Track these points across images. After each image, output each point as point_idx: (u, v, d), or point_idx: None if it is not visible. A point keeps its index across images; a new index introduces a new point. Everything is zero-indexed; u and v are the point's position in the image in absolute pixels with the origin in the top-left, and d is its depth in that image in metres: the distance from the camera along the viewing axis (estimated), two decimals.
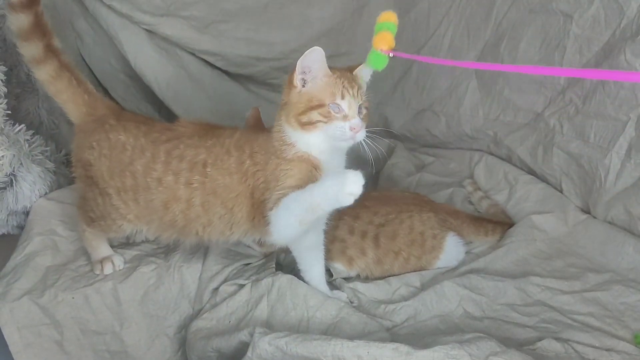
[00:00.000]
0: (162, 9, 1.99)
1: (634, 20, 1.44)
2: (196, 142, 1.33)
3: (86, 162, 1.39)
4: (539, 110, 1.72)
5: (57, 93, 1.48)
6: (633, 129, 1.42)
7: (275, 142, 1.25)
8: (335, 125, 1.18)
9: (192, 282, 1.49)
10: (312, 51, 1.17)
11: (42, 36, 1.41)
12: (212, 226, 1.34)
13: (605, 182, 1.48)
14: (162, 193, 1.33)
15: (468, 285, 1.38)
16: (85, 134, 1.42)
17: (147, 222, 1.41)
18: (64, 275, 1.50)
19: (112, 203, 1.39)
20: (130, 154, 1.35)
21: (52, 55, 1.43)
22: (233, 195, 1.29)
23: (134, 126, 1.38)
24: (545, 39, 1.70)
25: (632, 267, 1.39)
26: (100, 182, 1.38)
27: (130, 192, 1.36)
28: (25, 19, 1.39)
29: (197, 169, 1.30)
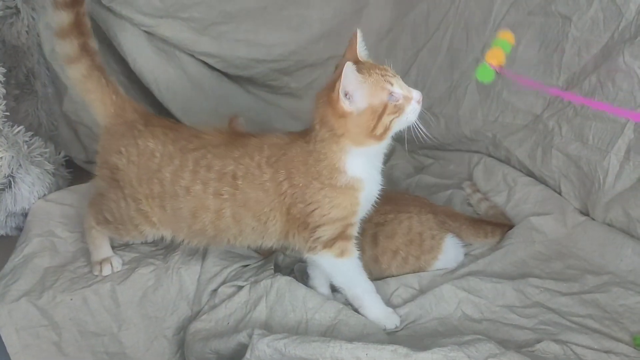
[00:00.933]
0: (161, 11, 1.99)
1: (633, 22, 1.44)
2: (223, 152, 1.31)
3: (113, 165, 1.38)
4: (537, 112, 1.72)
5: (85, 92, 1.46)
6: (632, 130, 1.42)
7: (321, 169, 1.22)
8: (407, 111, 1.17)
9: (191, 284, 1.48)
10: (347, 71, 1.11)
11: (80, 35, 1.39)
12: (243, 236, 1.33)
13: (604, 184, 1.47)
14: (190, 202, 1.32)
15: (466, 288, 1.37)
16: (113, 137, 1.41)
17: (174, 229, 1.39)
18: (62, 276, 1.49)
19: (140, 208, 1.37)
20: (159, 161, 1.34)
21: (87, 54, 1.41)
22: (267, 210, 1.28)
23: (161, 132, 1.37)
24: (544, 41, 1.70)
25: (631, 269, 1.39)
26: (128, 187, 1.37)
27: (157, 199, 1.35)
28: (66, 17, 1.37)
29: (226, 180, 1.29)
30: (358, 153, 1.20)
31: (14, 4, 1.91)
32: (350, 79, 1.11)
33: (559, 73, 1.66)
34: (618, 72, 1.44)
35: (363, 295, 1.32)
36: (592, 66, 1.56)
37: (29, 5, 1.95)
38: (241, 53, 2.10)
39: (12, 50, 1.93)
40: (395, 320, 1.32)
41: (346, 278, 1.33)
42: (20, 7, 1.92)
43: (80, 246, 1.61)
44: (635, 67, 1.40)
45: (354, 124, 1.16)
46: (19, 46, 1.94)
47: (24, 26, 1.94)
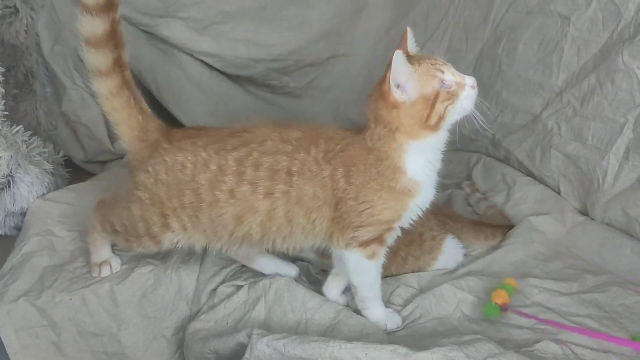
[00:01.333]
0: (160, 10, 1.99)
1: (632, 22, 1.44)
2: (272, 149, 1.24)
3: (140, 183, 1.32)
4: (537, 112, 1.72)
5: (111, 111, 1.35)
6: (631, 130, 1.42)
7: (383, 169, 1.19)
8: (461, 97, 1.12)
9: (190, 284, 1.48)
10: (397, 60, 1.08)
11: (114, 48, 1.27)
12: (292, 237, 1.28)
13: (603, 183, 1.48)
14: (234, 206, 1.24)
15: (466, 288, 1.37)
16: (140, 162, 1.34)
17: (211, 238, 1.32)
18: (61, 276, 1.49)
19: (168, 222, 1.31)
20: (191, 171, 1.26)
21: (119, 70, 1.30)
22: (320, 204, 1.24)
23: (190, 143, 1.30)
24: (543, 41, 1.70)
25: (630, 269, 1.39)
26: (157, 204, 1.30)
27: (188, 209, 1.28)
28: (100, 25, 1.24)
29: (279, 177, 1.22)
30: (416, 150, 1.17)
31: (13, 4, 1.91)
32: (400, 68, 1.10)
33: (558, 73, 1.67)
34: (617, 71, 1.44)
35: (372, 298, 1.33)
36: (591, 66, 1.56)
37: (28, 5, 1.96)
38: (240, 52, 2.11)
39: (10, 50, 1.93)
40: (397, 320, 1.32)
41: (366, 279, 1.32)
42: (19, 6, 1.93)
43: (79, 245, 1.61)
44: (634, 67, 1.40)
45: (407, 114, 1.13)
46: (18, 46, 1.94)
47: (22, 26, 1.94)
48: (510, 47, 1.80)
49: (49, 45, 2.04)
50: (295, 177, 1.21)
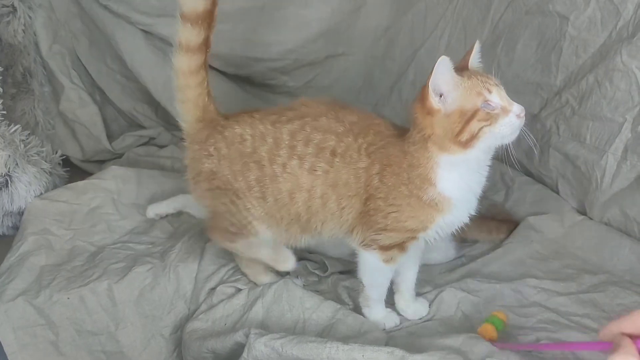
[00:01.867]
0: (158, 9, 1.99)
1: (630, 21, 1.44)
2: (325, 126, 1.22)
3: (208, 173, 1.32)
4: (535, 112, 1.72)
5: (184, 87, 1.36)
6: (629, 130, 1.42)
7: (414, 176, 1.15)
8: (501, 122, 1.07)
9: (188, 283, 1.48)
10: (440, 64, 1.04)
11: (208, 27, 1.29)
12: (327, 223, 1.26)
13: (602, 183, 1.47)
14: (287, 181, 1.23)
15: (465, 288, 1.38)
16: (199, 143, 1.34)
17: (276, 221, 1.31)
18: (59, 275, 1.49)
19: (246, 205, 1.30)
20: (251, 142, 1.26)
21: (204, 50, 1.31)
22: (351, 194, 1.21)
23: (246, 116, 1.30)
24: (541, 41, 1.70)
25: (628, 269, 1.38)
26: (228, 187, 1.30)
27: (256, 187, 1.27)
28: (203, 2, 1.26)
29: (323, 155, 1.20)
30: (448, 164, 1.12)
31: (11, 3, 1.91)
32: (442, 75, 1.05)
33: (557, 72, 1.67)
34: (616, 71, 1.44)
35: (376, 300, 1.33)
36: (590, 65, 1.56)
37: (26, 4, 1.96)
38: (239, 52, 2.10)
39: (8, 49, 1.93)
40: (395, 320, 1.33)
41: (377, 281, 1.30)
42: (17, 5, 1.93)
43: (77, 244, 1.62)
44: (632, 66, 1.40)
45: (440, 124, 1.08)
46: (16, 45, 1.94)
47: (20, 25, 1.94)
48: (509, 46, 1.80)
49: (47, 45, 2.04)
50: (337, 158, 1.19)
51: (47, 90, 2.08)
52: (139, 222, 1.73)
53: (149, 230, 1.69)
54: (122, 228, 1.70)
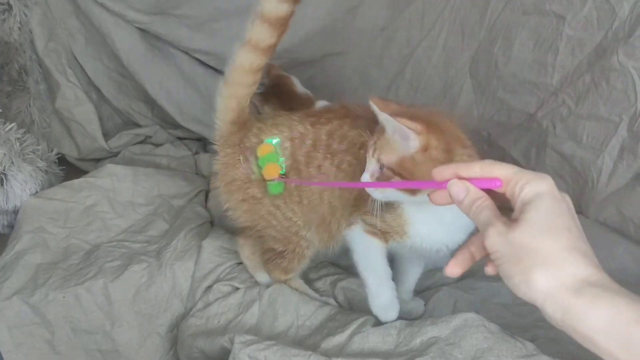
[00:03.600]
0: (155, 8, 1.99)
1: (626, 21, 1.44)
2: (361, 125, 1.18)
3: (244, 179, 1.30)
4: (532, 111, 1.73)
5: (236, 84, 1.33)
6: (625, 130, 1.42)
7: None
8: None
9: (185, 281, 1.48)
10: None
11: (280, 33, 1.28)
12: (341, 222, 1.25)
13: (598, 183, 1.48)
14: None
15: (461, 287, 1.38)
16: (233, 148, 1.32)
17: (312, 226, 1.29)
18: (54, 274, 1.49)
19: (286, 214, 1.28)
20: (290, 145, 1.25)
21: (269, 54, 1.30)
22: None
23: (284, 118, 1.29)
24: (538, 40, 1.70)
25: (623, 268, 1.38)
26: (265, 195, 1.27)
27: (295, 192, 1.26)
28: (287, 8, 1.25)
29: (352, 150, 1.19)
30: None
31: (6, 1, 1.90)
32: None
33: (553, 72, 1.67)
34: (612, 71, 1.45)
35: (372, 284, 1.23)
36: (586, 65, 1.56)
37: (21, 1, 1.95)
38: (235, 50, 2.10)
39: (4, 47, 1.93)
40: (392, 315, 1.24)
41: (369, 261, 1.22)
42: (13, 3, 1.92)
43: (72, 242, 1.62)
44: (629, 66, 1.40)
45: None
46: (11, 43, 1.94)
47: (16, 22, 1.94)
48: (506, 46, 1.80)
49: (42, 43, 2.04)
50: (363, 150, 1.15)
51: (42, 88, 2.08)
52: (134, 221, 1.73)
53: (145, 228, 1.69)
54: (117, 226, 1.70)
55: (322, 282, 1.47)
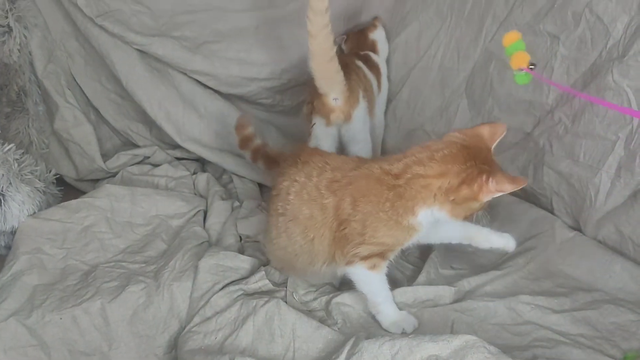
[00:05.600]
0: (153, 29, 1.99)
1: (620, 41, 1.45)
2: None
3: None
4: (528, 130, 1.72)
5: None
6: (622, 148, 1.41)
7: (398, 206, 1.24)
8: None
9: (183, 301, 1.46)
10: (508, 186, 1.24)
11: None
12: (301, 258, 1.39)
13: (596, 201, 1.47)
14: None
15: (458, 309, 1.36)
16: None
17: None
18: (51, 295, 1.48)
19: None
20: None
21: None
22: (318, 225, 1.33)
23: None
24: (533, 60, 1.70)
25: (621, 287, 1.37)
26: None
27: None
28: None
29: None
30: (440, 214, 1.25)
31: (6, 23, 1.91)
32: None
33: (548, 91, 1.67)
34: (607, 89, 1.44)
35: (382, 302, 1.35)
36: (581, 84, 1.56)
37: (22, 24, 1.96)
38: (233, 71, 2.10)
39: (3, 69, 1.93)
40: (413, 322, 1.33)
41: (373, 288, 1.35)
42: (13, 25, 1.92)
43: (69, 263, 1.61)
44: (624, 85, 1.40)
45: (469, 205, 1.23)
46: (11, 64, 1.94)
47: (16, 44, 1.94)
48: (501, 65, 1.81)
49: (42, 64, 2.04)
50: (291, 196, 1.35)
51: (41, 109, 2.08)
52: (132, 241, 1.71)
53: (143, 249, 1.68)
54: (115, 247, 1.68)
55: (318, 302, 1.45)
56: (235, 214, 1.83)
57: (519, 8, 1.72)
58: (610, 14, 1.46)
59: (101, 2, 1.95)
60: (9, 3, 1.90)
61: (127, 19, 1.98)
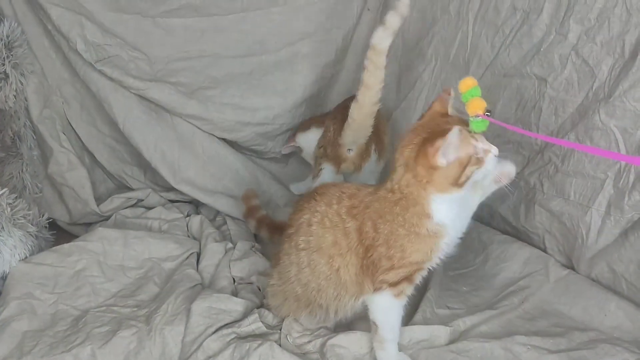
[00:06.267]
0: (150, 75, 2.01)
1: (606, 82, 1.46)
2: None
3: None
4: (518, 169, 1.72)
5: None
6: (611, 186, 1.41)
7: (409, 216, 1.22)
8: (486, 163, 1.17)
9: (175, 346, 1.42)
10: (454, 135, 1.11)
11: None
12: (324, 291, 1.36)
13: (587, 239, 1.45)
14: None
15: (454, 350, 1.33)
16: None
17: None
18: (41, 341, 1.44)
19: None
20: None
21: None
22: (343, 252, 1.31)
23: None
24: (521, 101, 1.71)
25: (616, 325, 1.35)
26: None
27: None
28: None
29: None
30: (442, 200, 1.21)
31: (3, 69, 1.91)
32: (454, 143, 1.12)
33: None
34: (595, 130, 1.45)
35: (391, 340, 1.32)
36: (570, 125, 1.57)
37: (18, 70, 1.96)
38: (228, 116, 2.11)
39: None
40: None
41: (391, 319, 1.32)
42: (9, 72, 1.92)
43: (60, 308, 1.57)
44: (611, 125, 1.41)
45: (442, 175, 1.17)
46: (6, 110, 1.94)
47: (12, 91, 1.94)
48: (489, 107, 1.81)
49: (37, 110, 2.05)
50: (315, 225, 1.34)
51: (35, 154, 2.07)
52: (124, 285, 1.68)
53: (135, 292, 1.64)
54: (107, 291, 1.65)
55: (312, 345, 1.41)
56: (228, 256, 1.79)
57: (505, 52, 1.73)
58: (596, 57, 1.48)
59: (100, 48, 1.97)
60: (5, 50, 1.90)
61: (125, 64, 1.99)
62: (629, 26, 1.40)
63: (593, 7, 1.47)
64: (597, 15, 1.47)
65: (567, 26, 1.54)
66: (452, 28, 1.91)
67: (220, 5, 2.02)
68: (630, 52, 1.40)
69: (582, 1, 1.49)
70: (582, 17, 1.50)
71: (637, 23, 1.39)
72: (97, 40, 1.96)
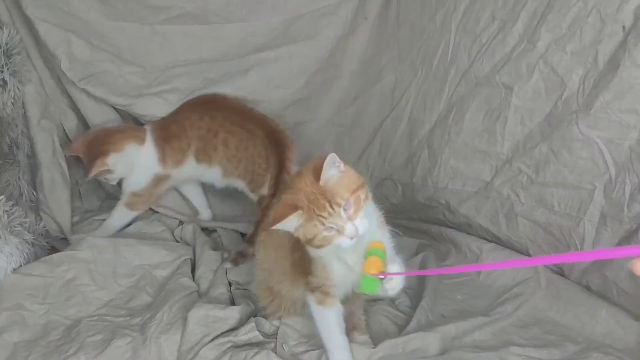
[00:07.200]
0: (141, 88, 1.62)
1: (578, 92, 1.17)
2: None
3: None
4: (487, 179, 1.42)
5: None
6: (602, 197, 1.12)
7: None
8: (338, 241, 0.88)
9: (170, 355, 1.11)
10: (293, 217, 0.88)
11: None
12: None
13: (582, 249, 1.15)
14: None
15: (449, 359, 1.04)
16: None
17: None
18: (34, 351, 1.12)
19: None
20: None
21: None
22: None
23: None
24: (488, 111, 1.42)
25: (607, 332, 1.07)
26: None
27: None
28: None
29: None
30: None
31: (2, 77, 1.50)
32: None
33: (503, 141, 1.38)
34: (574, 141, 1.15)
35: (328, 349, 1.03)
36: (539, 134, 1.27)
37: (16, 78, 1.54)
38: None
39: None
40: None
41: (321, 326, 1.04)
42: (7, 79, 1.51)
43: (51, 318, 1.22)
44: (594, 136, 1.12)
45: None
46: (4, 117, 1.53)
47: (10, 98, 1.53)
48: (459, 116, 1.51)
49: (36, 119, 1.61)
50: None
51: (32, 161, 1.64)
52: (116, 293, 1.32)
53: (128, 301, 1.30)
54: (99, 299, 1.29)
55: (308, 355, 1.10)
56: (224, 264, 1.44)
57: (479, 60, 1.43)
58: (565, 66, 1.19)
59: (89, 64, 1.58)
60: (4, 57, 1.51)
61: (113, 80, 1.60)
62: (602, 35, 1.12)
63: (566, 15, 1.18)
64: (569, 24, 1.18)
65: (537, 35, 1.25)
66: (436, 38, 1.57)
67: (219, 14, 1.64)
68: (604, 62, 1.12)
69: (557, 9, 1.20)
70: (555, 25, 1.21)
71: (612, 33, 1.10)
72: (85, 57, 1.57)
